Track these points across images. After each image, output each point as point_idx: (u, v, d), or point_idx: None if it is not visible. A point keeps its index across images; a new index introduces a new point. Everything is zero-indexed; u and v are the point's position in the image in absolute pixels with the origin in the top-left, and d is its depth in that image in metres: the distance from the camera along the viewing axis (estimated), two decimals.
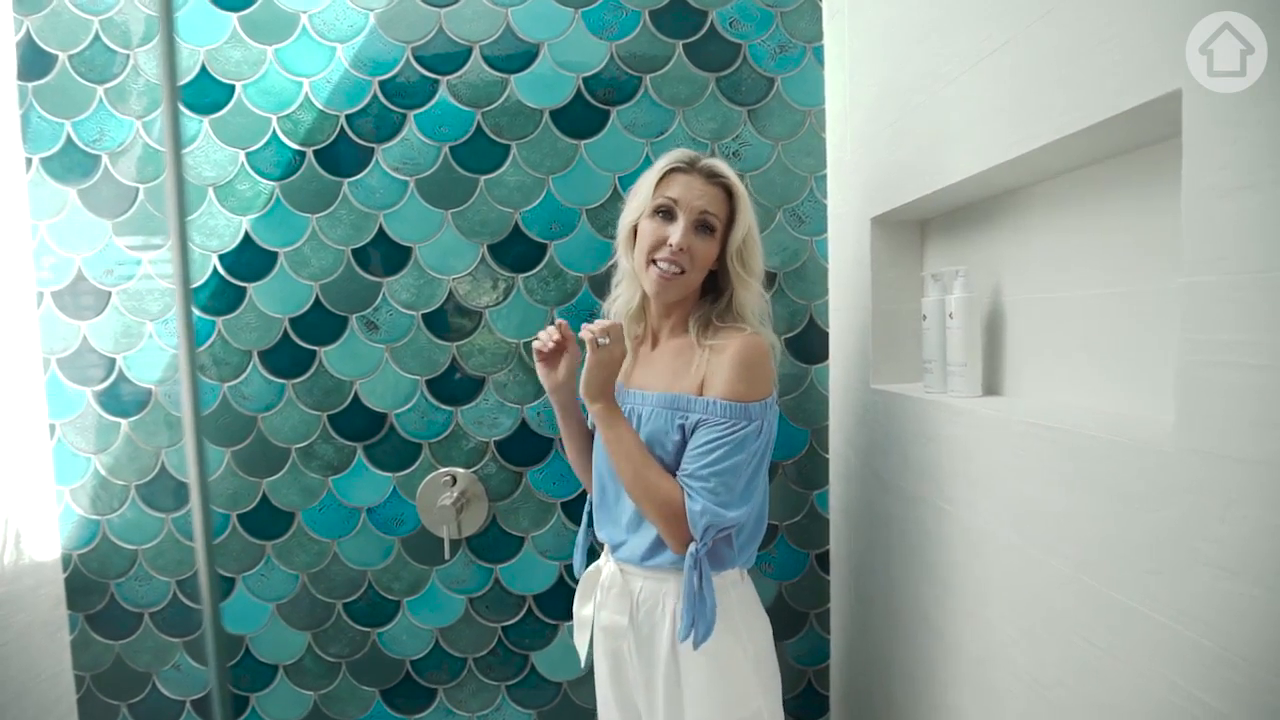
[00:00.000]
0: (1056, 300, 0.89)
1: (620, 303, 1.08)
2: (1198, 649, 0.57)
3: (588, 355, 0.95)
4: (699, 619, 0.92)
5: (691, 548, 0.93)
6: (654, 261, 0.98)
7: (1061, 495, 0.74)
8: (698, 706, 0.97)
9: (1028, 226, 0.95)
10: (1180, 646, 0.58)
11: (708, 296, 1.04)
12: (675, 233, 0.96)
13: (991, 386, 1.02)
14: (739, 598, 1.00)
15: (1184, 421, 0.58)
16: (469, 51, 1.37)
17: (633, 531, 1.01)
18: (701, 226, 0.98)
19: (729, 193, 1.00)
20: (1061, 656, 0.74)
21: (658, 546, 0.98)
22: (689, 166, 0.99)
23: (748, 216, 1.00)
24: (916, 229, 1.23)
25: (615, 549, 1.05)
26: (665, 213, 0.98)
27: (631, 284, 1.05)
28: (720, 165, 1.00)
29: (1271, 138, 0.50)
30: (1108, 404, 0.80)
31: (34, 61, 1.37)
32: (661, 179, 0.99)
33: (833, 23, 1.35)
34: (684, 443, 0.96)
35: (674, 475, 0.96)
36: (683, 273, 0.98)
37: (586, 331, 0.95)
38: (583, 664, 1.10)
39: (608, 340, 0.95)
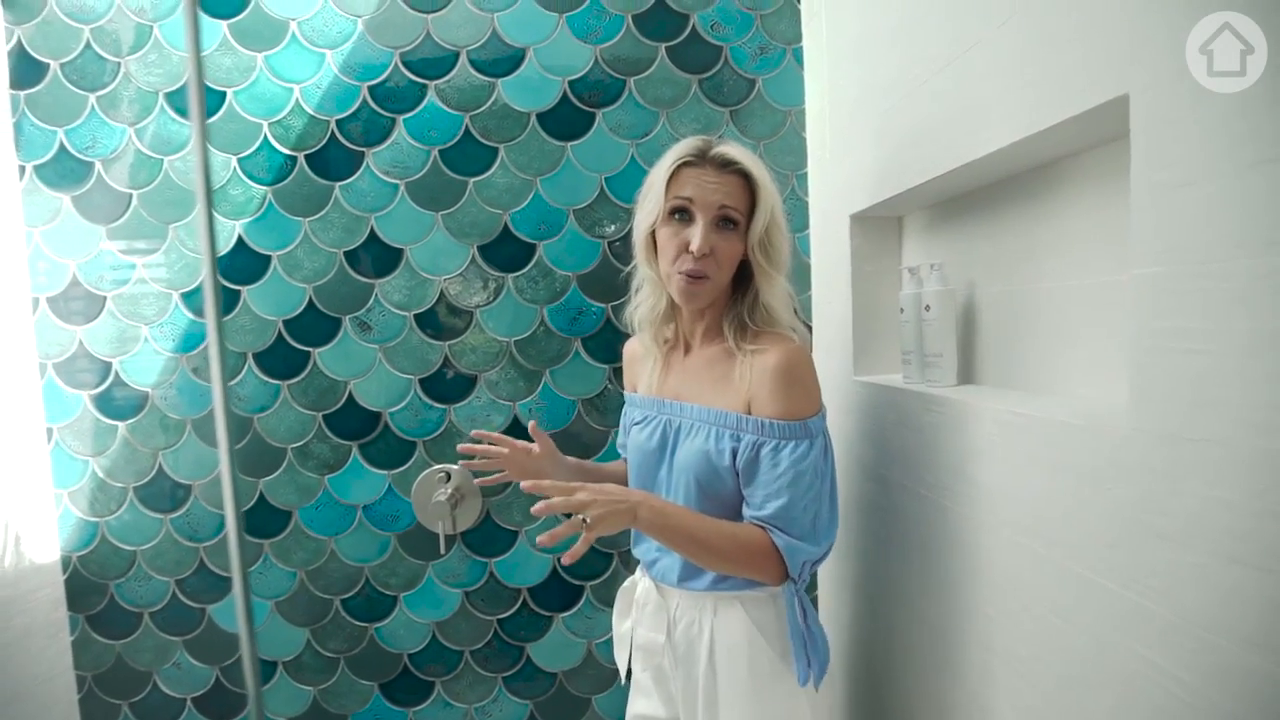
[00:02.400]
0: (1025, 292, 0.92)
1: (644, 310, 1.00)
2: (1152, 616, 0.60)
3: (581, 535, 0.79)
4: (813, 657, 0.88)
5: (789, 586, 0.88)
6: (682, 271, 0.90)
7: (1029, 477, 0.78)
8: (732, 717, 0.91)
9: (997, 221, 0.98)
10: (1137, 615, 0.62)
11: (738, 293, 0.96)
12: (695, 236, 0.88)
13: (967, 376, 1.06)
14: (780, 614, 0.93)
15: (1137, 404, 0.62)
16: (456, 56, 1.40)
17: (665, 551, 0.95)
18: (723, 222, 0.90)
19: (748, 178, 0.91)
20: (1032, 630, 0.78)
21: (691, 567, 0.92)
22: (699, 158, 0.90)
23: (769, 203, 0.90)
24: (894, 225, 1.27)
25: (650, 566, 1.00)
26: (682, 213, 0.90)
27: (655, 290, 0.98)
28: (733, 151, 0.91)
29: (1213, 135, 0.53)
30: (1072, 389, 0.84)
31: (26, 70, 1.38)
32: (672, 176, 0.91)
33: (811, 24, 1.38)
34: (734, 464, 0.89)
35: (729, 505, 0.91)
36: (707, 277, 0.90)
37: (563, 530, 0.78)
38: (622, 680, 1.06)
39: (586, 517, 0.78)
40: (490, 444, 1.06)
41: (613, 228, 1.43)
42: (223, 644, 1.47)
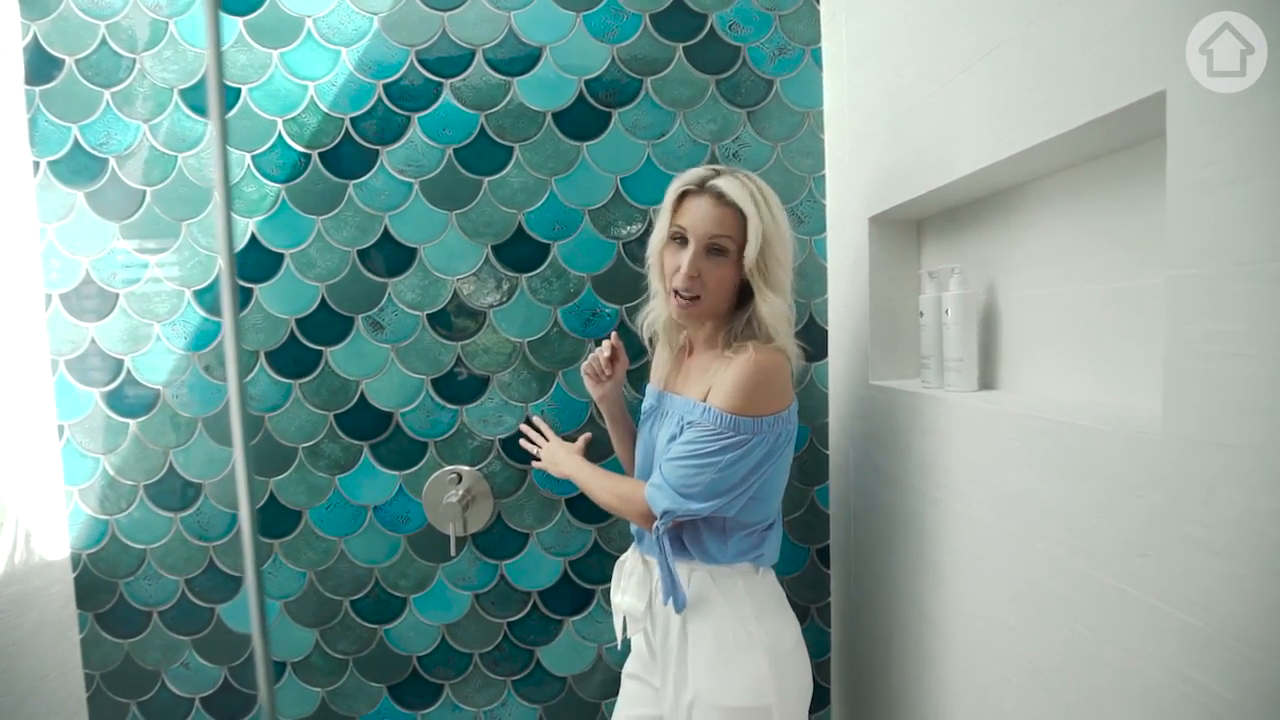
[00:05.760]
0: (1049, 296, 0.91)
1: (653, 315, 1.11)
2: (1186, 629, 0.59)
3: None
4: (675, 591, 1.01)
5: (654, 525, 0.99)
6: (674, 289, 0.99)
7: (1055, 484, 0.76)
8: (700, 680, 1.00)
9: (1021, 224, 0.97)
10: (1170, 627, 0.61)
11: (742, 307, 1.02)
12: (684, 261, 0.97)
13: (988, 381, 1.04)
14: (749, 588, 1.03)
15: (1170, 409, 0.60)
16: (472, 54, 1.39)
17: None
18: (713, 250, 0.97)
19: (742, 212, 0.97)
20: (1056, 641, 0.77)
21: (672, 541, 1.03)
22: (699, 188, 0.98)
23: (757, 233, 0.95)
24: (913, 228, 1.26)
25: (640, 540, 1.11)
26: (679, 239, 0.99)
27: (663, 301, 1.07)
28: (727, 184, 0.96)
29: (1254, 134, 0.52)
30: (1099, 395, 0.82)
31: (41, 66, 1.38)
32: (678, 202, 1.00)
33: (831, 25, 1.37)
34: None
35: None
36: (699, 298, 0.98)
37: (530, 448, 1.29)
38: (619, 646, 1.16)
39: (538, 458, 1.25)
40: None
41: (628, 229, 1.42)
42: (232, 644, 1.46)
